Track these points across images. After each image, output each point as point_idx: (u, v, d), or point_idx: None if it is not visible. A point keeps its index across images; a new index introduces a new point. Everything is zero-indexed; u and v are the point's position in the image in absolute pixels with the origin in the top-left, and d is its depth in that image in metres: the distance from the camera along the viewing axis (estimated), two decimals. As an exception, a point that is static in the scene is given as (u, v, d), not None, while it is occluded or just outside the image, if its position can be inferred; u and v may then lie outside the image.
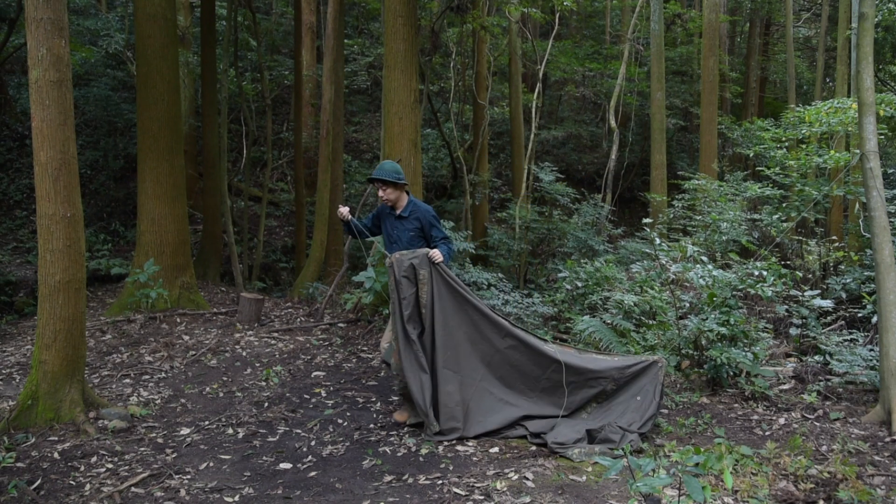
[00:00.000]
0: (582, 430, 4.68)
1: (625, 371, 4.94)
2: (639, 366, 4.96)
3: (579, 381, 4.94)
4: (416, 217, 5.05)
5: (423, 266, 4.84)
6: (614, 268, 8.37)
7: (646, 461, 2.61)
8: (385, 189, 4.99)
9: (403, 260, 4.84)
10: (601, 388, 4.95)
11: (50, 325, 4.80)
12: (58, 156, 4.72)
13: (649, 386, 4.89)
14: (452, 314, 4.91)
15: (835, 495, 3.76)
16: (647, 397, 4.85)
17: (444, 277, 4.88)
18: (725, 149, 17.76)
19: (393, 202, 5.05)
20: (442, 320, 4.86)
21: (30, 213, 12.10)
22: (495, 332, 4.93)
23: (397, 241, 5.05)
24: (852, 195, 9.71)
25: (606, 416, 4.88)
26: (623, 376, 4.94)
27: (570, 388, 4.92)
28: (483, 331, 4.94)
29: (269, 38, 17.23)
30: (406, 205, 5.07)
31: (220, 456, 4.48)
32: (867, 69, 5.33)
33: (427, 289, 4.82)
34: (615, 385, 4.95)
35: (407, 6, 7.30)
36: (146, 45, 8.06)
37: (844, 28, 12.54)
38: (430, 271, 4.84)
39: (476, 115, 14.46)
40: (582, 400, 4.96)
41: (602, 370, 4.95)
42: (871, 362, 5.92)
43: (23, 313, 9.11)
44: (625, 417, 4.82)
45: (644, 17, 16.85)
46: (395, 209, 5.08)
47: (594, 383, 4.95)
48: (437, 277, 4.87)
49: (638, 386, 4.94)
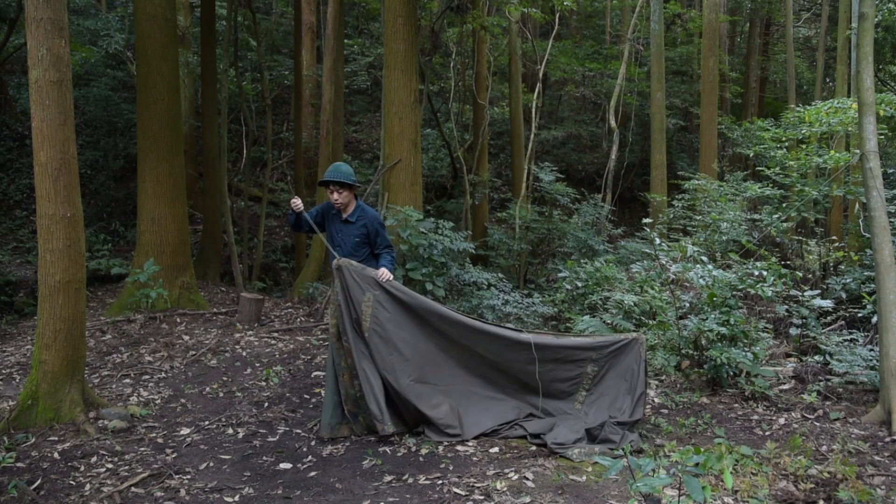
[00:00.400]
0: (581, 429, 4.68)
1: (604, 350, 4.92)
2: (618, 344, 4.93)
3: (557, 361, 4.90)
4: (364, 224, 4.94)
5: (372, 288, 4.77)
6: (614, 268, 8.37)
7: (646, 461, 2.61)
8: (340, 192, 4.86)
9: (355, 265, 4.78)
10: (582, 369, 4.91)
11: (50, 325, 4.80)
12: (58, 156, 4.72)
13: (634, 365, 4.89)
14: (416, 331, 4.85)
15: (835, 495, 3.76)
16: (634, 378, 4.85)
17: (398, 297, 4.81)
18: (725, 149, 17.76)
19: (344, 205, 4.93)
20: (403, 339, 4.80)
21: (30, 213, 12.10)
22: (464, 334, 4.89)
23: (341, 246, 4.92)
24: (852, 195, 9.71)
25: (599, 403, 4.87)
26: (603, 356, 4.92)
27: (549, 369, 4.89)
28: (452, 337, 4.90)
29: (269, 38, 17.22)
30: (354, 209, 4.96)
31: (220, 456, 4.48)
32: (867, 69, 5.33)
33: (370, 312, 4.76)
34: (598, 367, 4.92)
35: (407, 6, 7.30)
36: (146, 45, 8.06)
37: (844, 28, 12.54)
38: (375, 295, 4.76)
39: (476, 115, 14.45)
40: (569, 385, 4.93)
41: (578, 346, 4.95)
42: (871, 362, 5.92)
43: (23, 313, 9.11)
44: (617, 403, 4.83)
45: (644, 17, 16.85)
46: (344, 213, 4.96)
47: (574, 366, 4.92)
48: (386, 300, 4.79)
49: (623, 367, 4.92)
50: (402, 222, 6.77)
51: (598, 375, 4.94)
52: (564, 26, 20.93)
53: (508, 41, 14.90)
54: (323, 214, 5.06)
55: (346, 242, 4.93)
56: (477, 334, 4.90)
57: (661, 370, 6.33)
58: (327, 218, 5.05)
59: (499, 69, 17.55)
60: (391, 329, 4.79)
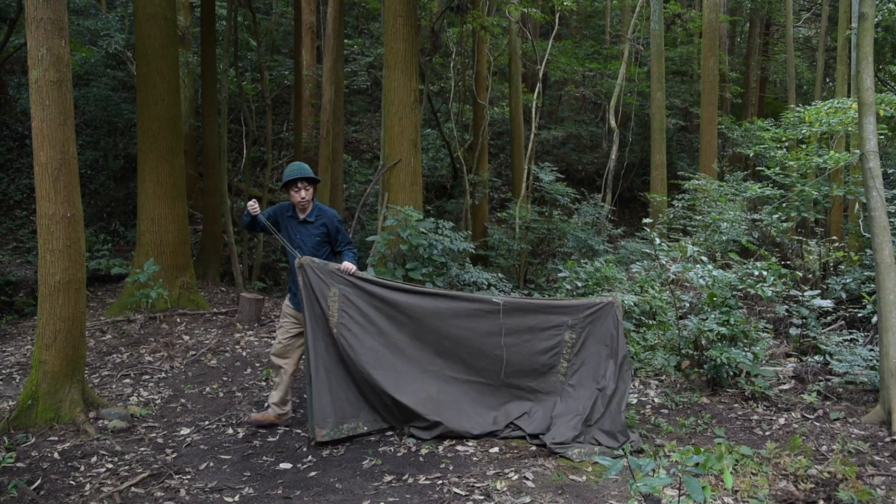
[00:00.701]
0: (578, 424, 4.66)
1: (580, 315, 4.87)
2: (594, 308, 4.89)
3: (533, 330, 4.86)
4: (324, 222, 4.90)
5: (336, 282, 4.75)
6: (614, 268, 8.37)
7: (646, 461, 2.61)
8: (308, 189, 4.83)
9: (317, 262, 4.75)
10: (560, 337, 4.87)
11: (50, 325, 4.80)
12: (58, 156, 4.72)
13: (613, 329, 4.86)
14: (387, 323, 4.83)
15: (835, 495, 3.76)
16: (614, 342, 4.83)
17: (365, 289, 4.80)
18: (725, 149, 17.76)
19: (308, 204, 4.87)
20: (374, 332, 4.79)
21: (30, 213, 12.09)
22: (436, 314, 4.85)
23: (300, 247, 4.86)
24: (852, 195, 9.71)
25: (582, 373, 4.83)
26: (579, 321, 4.87)
27: (526, 340, 4.85)
28: (424, 321, 4.85)
29: (269, 38, 17.22)
30: (312, 210, 4.91)
31: (220, 456, 4.48)
32: (867, 69, 5.33)
33: (337, 307, 4.74)
34: (576, 334, 4.87)
35: (407, 6, 7.30)
36: (146, 45, 8.06)
37: (844, 28, 12.54)
38: (340, 290, 4.75)
39: (476, 115, 14.45)
40: (549, 356, 4.87)
41: (550, 306, 4.94)
42: (871, 362, 5.92)
43: (23, 313, 9.10)
44: (601, 369, 4.80)
45: (644, 17, 16.85)
46: (302, 213, 4.90)
47: (551, 334, 4.88)
48: (353, 294, 4.77)
49: (602, 332, 4.88)
50: (402, 222, 6.77)
51: (577, 343, 4.88)
52: (564, 26, 20.93)
53: (508, 41, 14.90)
54: (276, 217, 4.95)
55: (305, 243, 4.87)
56: (449, 311, 4.84)
57: (661, 370, 6.33)
58: (281, 221, 4.93)
59: (499, 69, 17.55)
60: (361, 323, 4.77)
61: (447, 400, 4.82)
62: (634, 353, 6.53)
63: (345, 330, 4.75)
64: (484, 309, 4.88)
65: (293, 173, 4.82)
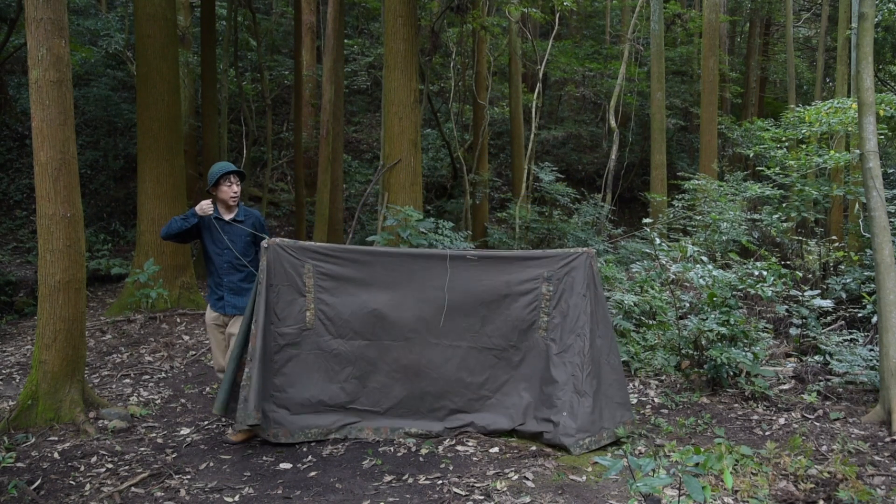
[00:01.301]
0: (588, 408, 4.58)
1: (555, 266, 4.82)
2: (569, 258, 4.84)
3: (510, 284, 4.83)
4: (252, 222, 4.85)
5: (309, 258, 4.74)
6: (614, 268, 8.37)
7: (646, 461, 2.61)
8: (239, 184, 4.76)
9: (287, 241, 4.72)
10: (537, 289, 4.82)
11: (50, 325, 4.80)
12: (58, 156, 4.72)
13: (590, 280, 4.80)
14: (364, 296, 4.80)
15: (835, 495, 3.76)
16: (591, 291, 4.77)
17: (337, 257, 4.79)
18: (725, 149, 17.76)
19: (237, 201, 4.80)
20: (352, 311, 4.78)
21: (30, 213, 12.09)
22: (412, 280, 4.82)
23: (229, 248, 4.73)
24: (852, 195, 9.71)
25: (563, 327, 4.77)
26: (555, 272, 4.81)
27: (504, 294, 4.82)
28: (401, 285, 4.81)
29: (269, 38, 17.22)
30: (239, 210, 4.85)
31: (220, 456, 4.48)
32: (867, 69, 5.33)
33: (313, 283, 4.73)
34: (553, 287, 4.81)
35: (407, 6, 7.30)
36: (146, 45, 8.06)
37: (844, 28, 12.54)
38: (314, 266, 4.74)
39: (476, 115, 14.45)
40: (528, 312, 4.82)
41: (525, 256, 4.91)
42: (871, 362, 5.92)
43: (23, 313, 9.10)
44: (580, 322, 4.73)
45: (644, 17, 16.85)
46: (229, 213, 4.80)
47: (529, 286, 4.83)
48: (327, 267, 4.76)
49: (579, 284, 4.80)
50: (402, 222, 6.77)
51: (554, 296, 4.81)
52: (564, 26, 20.93)
53: (508, 41, 14.90)
54: (191, 218, 4.77)
55: (236, 243, 4.77)
56: (424, 271, 4.82)
57: (661, 370, 6.33)
58: (205, 223, 4.79)
59: (499, 69, 17.54)
60: (337, 294, 4.76)
61: (429, 370, 4.81)
62: (634, 353, 6.53)
63: (322, 304, 4.74)
64: (459, 265, 4.83)
65: (225, 167, 4.74)
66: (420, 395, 4.82)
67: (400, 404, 4.82)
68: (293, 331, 4.72)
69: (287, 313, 4.71)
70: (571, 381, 4.67)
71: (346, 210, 14.01)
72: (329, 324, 4.76)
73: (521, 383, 4.85)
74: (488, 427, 4.78)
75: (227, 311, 4.78)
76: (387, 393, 4.82)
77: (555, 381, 4.71)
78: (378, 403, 4.81)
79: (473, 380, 4.85)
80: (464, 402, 4.85)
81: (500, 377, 4.87)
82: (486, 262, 4.88)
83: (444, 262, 4.83)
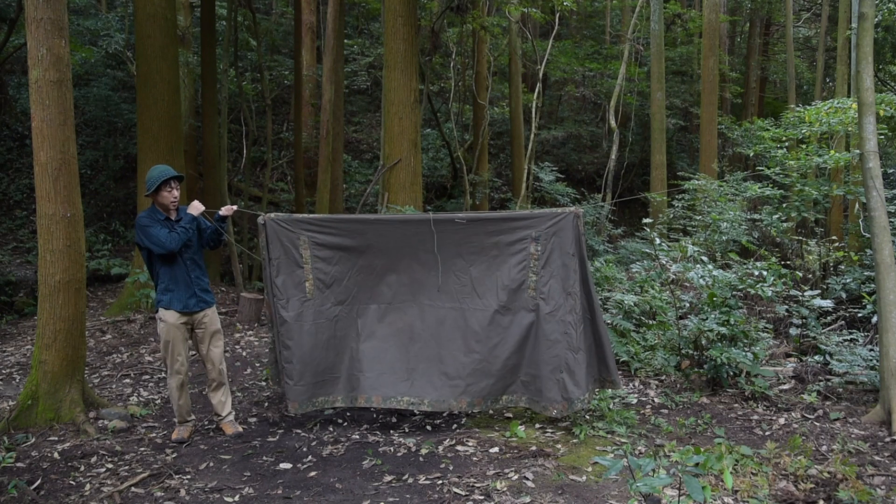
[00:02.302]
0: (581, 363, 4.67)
1: (542, 226, 4.82)
2: (556, 219, 4.83)
3: (499, 246, 4.86)
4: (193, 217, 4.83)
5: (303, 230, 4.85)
6: (614, 268, 8.37)
7: (646, 461, 2.61)
8: (178, 188, 4.73)
9: (281, 215, 4.85)
10: (525, 249, 4.83)
11: (50, 325, 4.80)
12: (58, 156, 4.72)
13: (578, 240, 4.81)
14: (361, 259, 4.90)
15: (835, 495, 3.76)
16: (579, 250, 4.79)
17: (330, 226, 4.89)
18: (725, 149, 17.76)
19: (177, 204, 4.76)
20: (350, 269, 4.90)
21: (30, 213, 12.09)
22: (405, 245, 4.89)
23: (192, 247, 4.72)
24: (852, 195, 9.72)
25: (552, 286, 4.79)
26: (542, 232, 4.82)
27: (494, 256, 4.86)
28: (395, 251, 4.90)
29: (269, 38, 17.21)
30: (180, 210, 4.82)
31: (220, 456, 4.48)
32: (867, 69, 5.33)
33: (309, 255, 4.84)
34: (541, 246, 4.82)
35: (407, 6, 7.30)
36: (146, 45, 8.06)
37: (844, 28, 12.54)
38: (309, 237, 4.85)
39: (476, 115, 14.45)
40: (518, 271, 4.85)
41: (512, 217, 4.93)
42: (871, 362, 5.92)
43: (23, 313, 9.10)
44: (569, 282, 4.76)
45: (644, 17, 16.85)
46: (175, 213, 4.76)
47: (517, 247, 4.85)
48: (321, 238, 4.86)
49: (566, 243, 4.81)
50: (402, 222, 6.77)
51: (542, 255, 4.83)
52: (564, 26, 20.93)
53: (508, 41, 14.90)
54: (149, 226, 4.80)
55: (192, 239, 4.76)
56: (416, 237, 4.87)
57: (661, 370, 6.33)
58: None
59: (499, 69, 17.54)
60: (335, 262, 4.87)
61: (422, 331, 4.88)
62: (634, 353, 6.53)
63: (320, 273, 4.84)
64: (448, 228, 4.88)
65: (165, 172, 4.65)
66: (416, 358, 4.89)
67: (395, 369, 4.90)
68: (295, 302, 4.84)
69: (287, 286, 4.83)
70: (565, 339, 4.72)
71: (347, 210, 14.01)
72: (328, 291, 4.87)
73: (513, 343, 4.86)
74: (482, 392, 4.84)
75: (199, 306, 4.77)
76: (384, 358, 4.91)
77: (548, 339, 4.75)
78: (375, 368, 4.90)
79: (467, 342, 4.89)
80: (457, 365, 4.88)
81: (492, 338, 4.88)
82: (474, 224, 4.91)
83: (435, 227, 4.88)
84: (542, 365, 4.75)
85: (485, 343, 4.86)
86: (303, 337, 4.83)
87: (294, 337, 4.82)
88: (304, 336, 4.83)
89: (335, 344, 4.89)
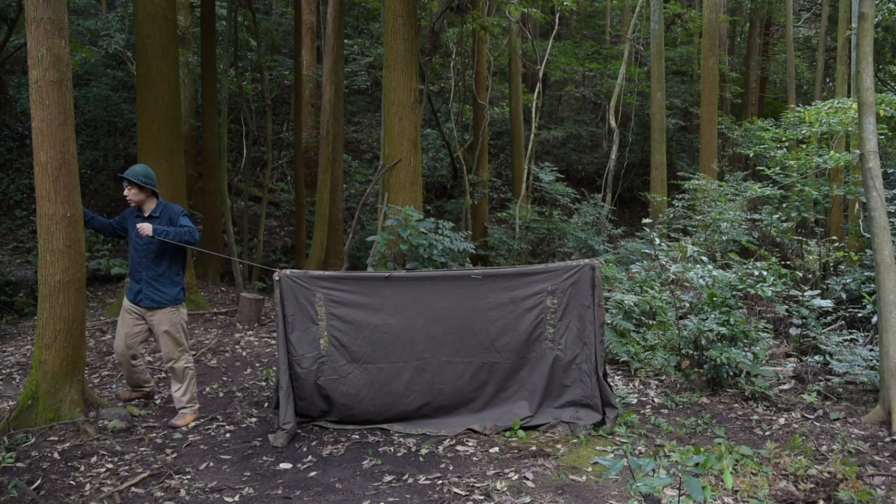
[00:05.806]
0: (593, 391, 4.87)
1: (558, 279, 4.92)
2: (573, 271, 4.92)
3: (515, 302, 4.92)
4: (169, 217, 5.02)
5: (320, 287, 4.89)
6: (614, 268, 8.37)
7: (646, 461, 2.61)
8: (130, 189, 4.94)
9: (296, 272, 4.88)
10: (542, 303, 4.92)
11: (50, 325, 4.79)
12: (58, 156, 4.71)
13: (594, 292, 4.89)
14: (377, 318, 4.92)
15: (835, 495, 3.76)
16: (594, 299, 4.87)
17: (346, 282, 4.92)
18: (725, 149, 17.76)
19: (138, 204, 5.01)
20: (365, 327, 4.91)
21: (30, 213, 12.09)
22: (420, 302, 4.92)
23: (148, 243, 4.93)
24: (852, 195, 9.72)
25: (567, 336, 4.91)
26: (558, 285, 4.91)
27: (510, 311, 4.92)
28: (410, 308, 4.93)
29: (269, 38, 17.21)
30: (156, 206, 5.05)
31: (220, 456, 4.48)
32: (867, 69, 5.33)
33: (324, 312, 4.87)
34: (557, 299, 4.92)
35: (407, 6, 7.30)
36: (146, 45, 8.06)
37: (844, 28, 12.54)
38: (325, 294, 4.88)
39: (476, 115, 14.46)
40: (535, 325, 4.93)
41: (529, 272, 5.00)
42: (871, 362, 5.92)
43: (23, 313, 9.10)
44: (587, 329, 4.89)
45: (644, 17, 16.85)
46: (144, 212, 5.04)
47: (533, 301, 4.93)
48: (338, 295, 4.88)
49: (582, 295, 4.91)
50: (402, 222, 6.76)
51: (559, 308, 4.93)
52: (564, 26, 20.93)
53: (508, 41, 14.90)
54: (124, 219, 5.12)
55: (152, 239, 4.92)
56: (432, 294, 4.92)
57: (661, 370, 6.33)
58: (129, 221, 5.07)
59: (499, 69, 17.55)
60: (349, 320, 4.89)
61: (438, 381, 4.93)
62: (634, 354, 6.53)
63: (335, 331, 4.88)
64: (465, 285, 4.95)
65: (125, 173, 4.98)
66: (436, 409, 4.97)
67: (415, 414, 4.97)
68: (309, 359, 4.88)
69: (302, 342, 4.87)
70: (580, 386, 4.92)
71: (346, 210, 14.02)
72: (343, 350, 4.90)
73: (529, 391, 4.99)
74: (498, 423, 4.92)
75: (143, 303, 4.98)
76: (403, 409, 4.95)
77: (564, 386, 4.95)
78: (394, 419, 4.96)
79: (486, 391, 5.00)
80: (477, 408, 5.00)
81: (510, 387, 5.01)
82: (490, 280, 4.98)
83: (450, 283, 4.96)
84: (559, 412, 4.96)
85: (504, 391, 5.00)
86: (314, 393, 4.91)
87: (307, 396, 4.91)
88: (315, 392, 4.90)
89: (348, 398, 4.92)
